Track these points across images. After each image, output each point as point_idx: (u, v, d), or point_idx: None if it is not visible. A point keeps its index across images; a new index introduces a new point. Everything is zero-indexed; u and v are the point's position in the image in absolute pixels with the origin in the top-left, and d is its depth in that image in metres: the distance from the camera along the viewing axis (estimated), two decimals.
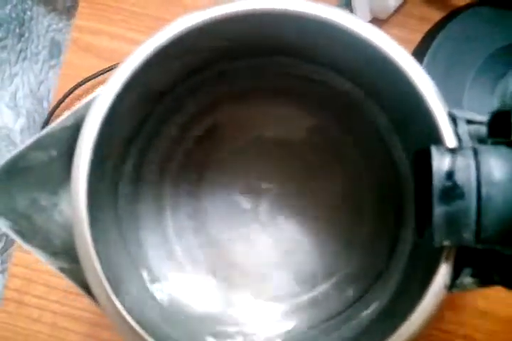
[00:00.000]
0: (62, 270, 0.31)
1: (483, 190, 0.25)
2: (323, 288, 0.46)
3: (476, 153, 0.26)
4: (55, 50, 0.66)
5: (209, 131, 0.48)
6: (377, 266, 0.43)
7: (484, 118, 0.28)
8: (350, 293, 0.45)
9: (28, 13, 0.62)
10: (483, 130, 0.28)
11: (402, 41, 0.54)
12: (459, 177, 0.25)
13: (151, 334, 0.30)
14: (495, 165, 0.25)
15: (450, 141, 0.28)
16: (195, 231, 0.47)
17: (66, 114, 0.32)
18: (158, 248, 0.46)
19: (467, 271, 0.28)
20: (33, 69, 0.65)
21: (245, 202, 0.47)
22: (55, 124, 0.32)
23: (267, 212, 0.47)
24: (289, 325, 0.45)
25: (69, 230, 0.32)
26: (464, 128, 0.28)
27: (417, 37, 0.53)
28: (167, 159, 0.47)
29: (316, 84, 0.45)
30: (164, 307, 0.42)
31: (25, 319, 0.51)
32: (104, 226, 0.39)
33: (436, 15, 0.53)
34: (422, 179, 0.27)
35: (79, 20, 0.54)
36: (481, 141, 0.28)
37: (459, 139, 0.28)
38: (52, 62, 0.67)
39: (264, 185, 0.48)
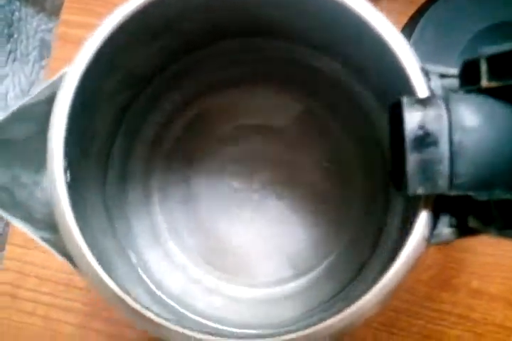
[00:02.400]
0: (43, 239, 0.31)
1: (455, 137, 0.25)
2: (317, 271, 0.46)
3: (446, 101, 0.25)
4: (45, 50, 0.66)
5: (195, 119, 0.48)
6: (369, 242, 0.43)
7: (457, 70, 0.28)
8: (344, 274, 0.44)
9: (16, 13, 0.62)
10: (456, 83, 0.28)
11: None
12: (431, 126, 0.25)
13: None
14: (465, 112, 0.25)
15: (423, 94, 0.28)
16: (186, 217, 0.47)
17: (41, 86, 0.32)
18: (147, 234, 0.46)
19: (445, 220, 0.27)
20: (23, 70, 0.65)
21: (237, 183, 0.47)
22: (30, 98, 0.32)
23: (259, 191, 0.47)
24: (284, 311, 0.44)
25: (50, 207, 0.32)
26: (437, 83, 0.28)
27: (403, 20, 0.53)
28: (154, 145, 0.47)
29: (297, 66, 0.45)
30: (154, 292, 0.42)
31: (18, 312, 0.50)
32: (91, 207, 0.38)
33: None
34: (396, 132, 0.27)
35: (65, 15, 0.54)
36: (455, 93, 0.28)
37: (433, 93, 0.28)
38: (43, 63, 0.67)
39: (254, 169, 0.47)
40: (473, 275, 0.49)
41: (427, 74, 0.28)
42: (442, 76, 0.28)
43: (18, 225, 0.32)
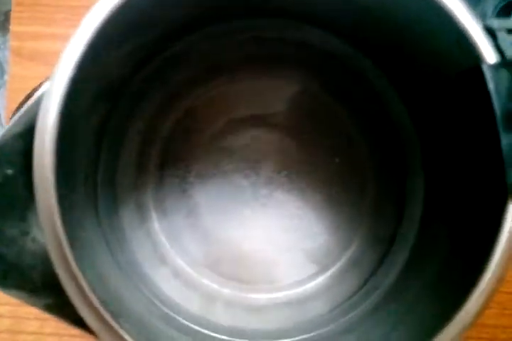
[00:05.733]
0: (48, 307, 0.26)
1: None
2: (340, 263, 0.42)
3: None
4: None
5: (181, 120, 0.43)
6: (389, 228, 0.40)
7: None
8: (367, 264, 0.41)
9: None
10: None
11: None
12: None
13: None
14: None
15: (491, 58, 0.22)
16: (191, 230, 0.42)
17: (13, 119, 0.25)
18: (151, 257, 0.41)
19: None
20: None
21: (242, 180, 0.43)
22: (2, 134, 0.26)
23: (266, 186, 0.43)
24: (308, 311, 0.41)
25: (47, 259, 0.26)
26: (507, 40, 0.22)
27: None
28: (142, 158, 0.42)
29: (288, 44, 0.41)
30: (170, 316, 0.38)
31: None
32: (90, 245, 0.33)
33: None
34: (472, 111, 0.21)
35: (15, 26, 0.48)
36: None
37: (503, 55, 0.22)
38: None
39: (256, 163, 0.43)
40: None
41: (491, 33, 0.23)
42: (510, 31, 0.23)
43: (15, 297, 0.26)
